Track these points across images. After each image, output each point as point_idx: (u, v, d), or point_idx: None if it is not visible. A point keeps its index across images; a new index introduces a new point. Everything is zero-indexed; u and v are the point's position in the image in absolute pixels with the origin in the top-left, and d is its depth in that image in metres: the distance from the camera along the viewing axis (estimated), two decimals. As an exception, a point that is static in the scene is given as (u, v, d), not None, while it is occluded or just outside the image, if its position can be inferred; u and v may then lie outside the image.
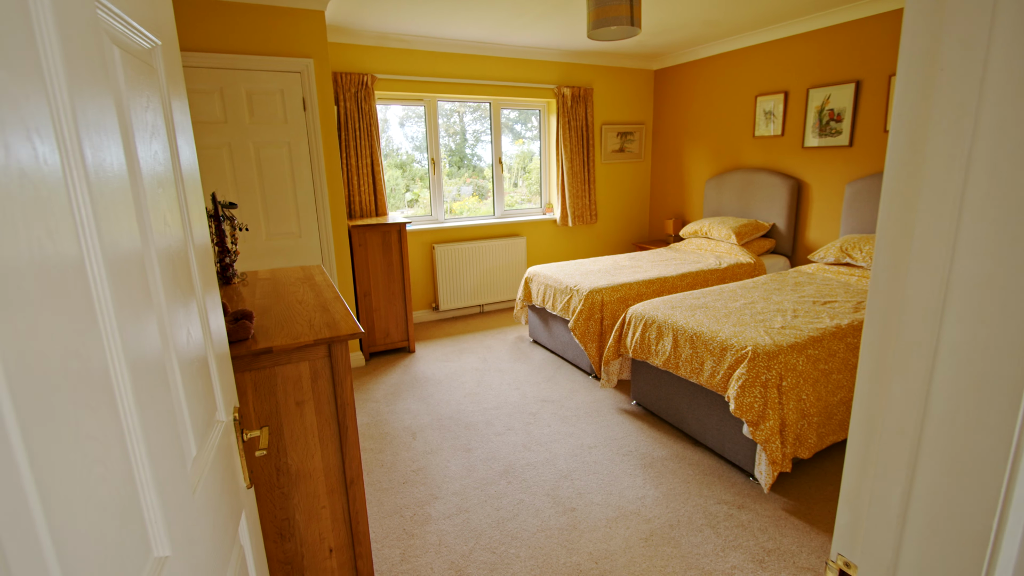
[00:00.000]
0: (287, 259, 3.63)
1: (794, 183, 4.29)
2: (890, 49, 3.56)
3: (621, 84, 5.59)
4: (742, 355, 2.35)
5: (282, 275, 2.21)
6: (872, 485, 0.58)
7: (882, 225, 0.55)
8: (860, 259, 3.41)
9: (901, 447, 0.54)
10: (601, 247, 5.91)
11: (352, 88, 4.25)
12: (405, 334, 4.14)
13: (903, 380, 0.53)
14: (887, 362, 0.55)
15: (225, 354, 1.05)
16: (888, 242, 0.55)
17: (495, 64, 4.91)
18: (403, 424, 3.08)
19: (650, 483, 2.46)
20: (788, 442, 2.27)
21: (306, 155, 3.59)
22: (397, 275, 4.04)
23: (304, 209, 3.64)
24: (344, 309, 1.64)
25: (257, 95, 3.41)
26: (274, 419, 1.42)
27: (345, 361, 1.46)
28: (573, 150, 5.30)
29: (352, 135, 4.31)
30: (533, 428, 2.98)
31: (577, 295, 3.51)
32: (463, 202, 5.33)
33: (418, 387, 3.56)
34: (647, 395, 3.05)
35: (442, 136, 5.06)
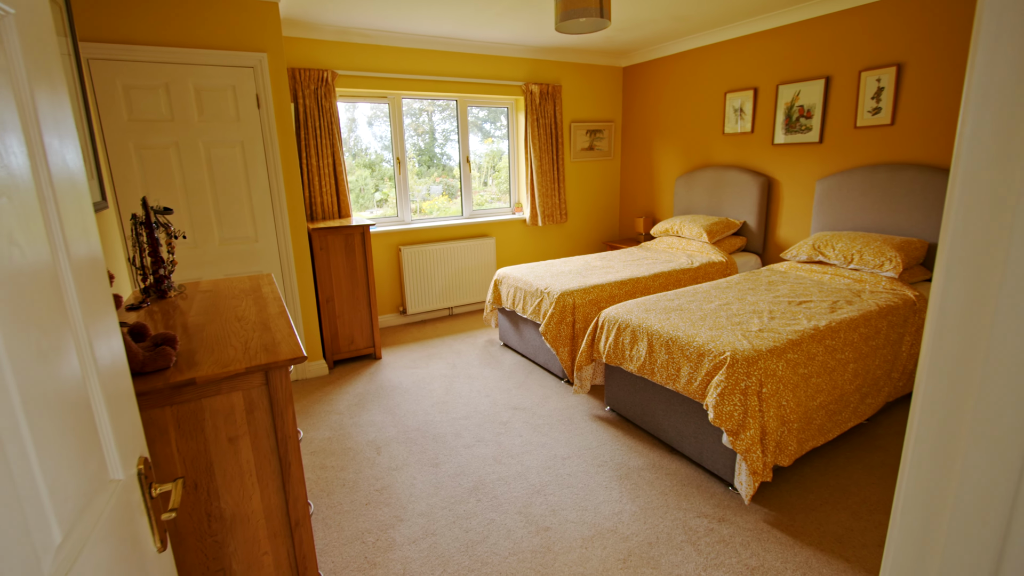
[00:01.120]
0: (243, 265, 3.41)
1: (764, 180, 4.26)
2: (859, 44, 3.54)
3: (590, 81, 5.49)
4: (720, 361, 2.26)
5: (226, 286, 2.02)
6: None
7: (954, 243, 0.42)
8: (833, 257, 3.38)
9: (981, 540, 0.41)
10: (572, 247, 5.81)
11: (311, 85, 4.04)
12: (371, 340, 3.96)
13: (987, 450, 0.41)
14: (960, 425, 0.43)
15: (125, 392, 0.88)
16: (963, 267, 0.42)
17: (461, 60, 4.75)
18: (367, 438, 2.90)
19: (627, 496, 2.35)
20: (768, 451, 2.19)
21: (261, 155, 3.37)
22: (361, 279, 3.85)
23: (260, 212, 3.42)
24: (287, 327, 1.48)
25: (207, 91, 3.18)
26: (203, 459, 1.24)
27: (285, 389, 1.30)
28: (542, 148, 5.18)
29: (312, 134, 4.09)
30: (504, 439, 2.84)
31: (548, 298, 3.39)
32: (433, 201, 5.16)
33: (384, 396, 3.38)
34: (621, 401, 2.95)
35: (411, 135, 4.88)
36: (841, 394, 2.50)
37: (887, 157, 3.50)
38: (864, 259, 3.20)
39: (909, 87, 3.32)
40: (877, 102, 3.45)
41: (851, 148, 3.68)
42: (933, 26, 3.17)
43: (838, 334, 2.53)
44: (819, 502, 2.28)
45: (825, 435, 2.46)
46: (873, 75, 3.44)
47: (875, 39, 3.45)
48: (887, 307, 2.81)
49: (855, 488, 2.36)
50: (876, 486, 2.37)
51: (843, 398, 2.52)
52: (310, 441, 2.89)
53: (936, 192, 3.19)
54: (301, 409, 3.25)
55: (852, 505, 2.25)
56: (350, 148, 4.69)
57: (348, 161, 4.69)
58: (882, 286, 3.08)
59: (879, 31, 3.42)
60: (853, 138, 3.66)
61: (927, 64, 3.22)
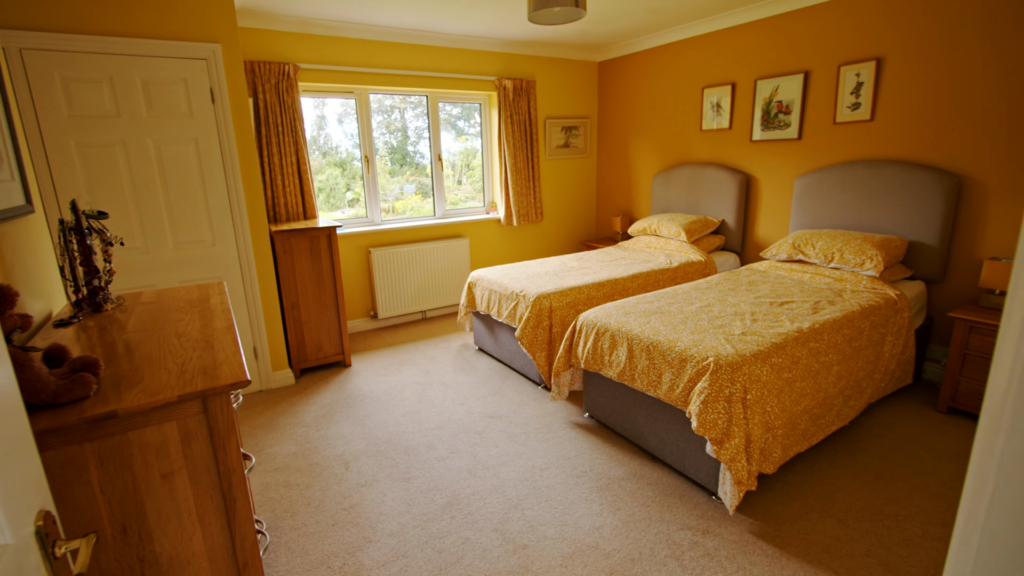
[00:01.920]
0: (200, 270, 3.21)
1: (743, 178, 4.21)
2: (838, 38, 3.50)
3: (565, 76, 5.39)
4: (703, 367, 2.18)
5: (171, 297, 1.85)
6: None
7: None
8: (813, 256, 3.34)
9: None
10: (548, 247, 5.71)
11: (272, 79, 3.83)
12: (339, 347, 3.79)
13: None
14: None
15: (16, 435, 0.73)
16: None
17: (431, 54, 4.59)
18: (335, 452, 2.75)
19: (607, 509, 2.25)
20: (753, 459, 2.11)
21: (217, 153, 3.16)
22: (328, 283, 3.67)
23: (217, 214, 3.22)
24: (232, 345, 1.32)
25: (155, 85, 2.97)
26: (132, 499, 1.09)
27: (227, 417, 1.15)
28: (516, 146, 5.06)
29: (274, 130, 3.89)
30: (479, 449, 2.72)
31: (524, 301, 3.27)
32: (406, 201, 5.00)
33: (353, 406, 3.22)
34: (601, 407, 2.85)
35: (383, 133, 4.71)
36: (825, 397, 2.44)
37: (866, 153, 3.47)
38: (844, 258, 3.16)
39: (888, 82, 3.29)
40: (856, 97, 3.42)
41: (830, 144, 3.65)
42: (912, 19, 3.15)
43: (822, 336, 2.47)
44: (804, 510, 2.21)
45: (809, 440, 2.40)
46: (852, 69, 3.41)
47: (854, 32, 3.41)
48: (869, 307, 2.77)
49: (840, 494, 2.30)
50: (861, 491, 2.32)
51: (827, 401, 2.46)
52: (274, 457, 2.71)
53: (916, 189, 3.17)
54: (265, 422, 3.06)
55: (838, 512, 2.19)
56: (320, 146, 4.50)
57: (318, 160, 4.49)
58: (863, 285, 3.05)
59: (858, 24, 3.39)
60: (832, 134, 3.62)
61: (906, 58, 3.20)
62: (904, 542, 2.02)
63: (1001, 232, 2.97)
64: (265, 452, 2.75)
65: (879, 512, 2.19)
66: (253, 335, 3.39)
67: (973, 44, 2.94)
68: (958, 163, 3.08)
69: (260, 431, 2.96)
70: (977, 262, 3.09)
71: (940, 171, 3.10)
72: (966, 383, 2.84)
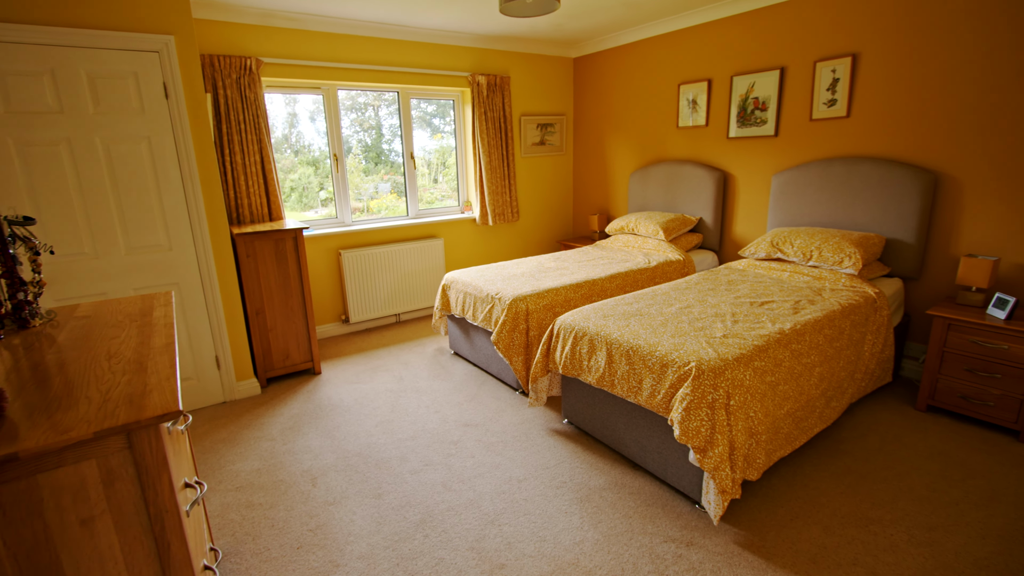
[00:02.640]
0: (155, 276, 3.02)
1: (720, 175, 4.17)
2: (814, 33, 3.46)
3: (539, 72, 5.28)
4: (685, 372, 2.10)
5: (109, 311, 1.69)
6: None
7: None
8: (791, 254, 3.30)
9: None
10: (524, 246, 5.60)
11: (233, 73, 3.64)
12: (308, 354, 3.62)
13: None
14: None
15: None
16: None
17: (402, 49, 4.44)
18: (302, 467, 2.60)
19: (588, 522, 2.16)
20: (737, 467, 2.04)
21: (172, 152, 2.98)
22: (295, 287, 3.50)
23: (173, 216, 3.03)
24: (168, 367, 1.18)
25: (103, 79, 2.77)
26: (44, 550, 0.95)
27: (157, 452, 1.01)
28: (491, 143, 4.94)
29: (236, 128, 3.70)
30: (454, 461, 2.60)
31: (499, 304, 3.16)
32: (381, 200, 4.84)
33: (322, 417, 3.07)
34: (580, 413, 2.76)
35: (357, 131, 4.56)
36: (807, 400, 2.39)
37: (843, 150, 3.45)
38: (823, 256, 3.13)
39: (864, 78, 3.27)
40: (832, 93, 3.38)
41: (806, 141, 3.62)
42: (887, 15, 3.12)
43: (803, 337, 2.41)
44: (789, 517, 2.16)
45: (792, 444, 2.35)
46: (828, 65, 3.38)
47: (830, 28, 3.38)
48: (849, 306, 2.73)
49: (824, 499, 2.25)
50: (845, 496, 2.27)
51: (809, 404, 2.41)
52: (236, 475, 2.55)
53: (893, 186, 3.15)
54: (228, 436, 2.90)
55: (823, 519, 2.14)
56: (292, 144, 4.32)
57: (290, 159, 4.31)
58: (842, 283, 3.01)
59: (834, 20, 3.35)
60: (808, 131, 3.59)
61: (882, 54, 3.17)
62: (890, 549, 1.97)
63: (977, 229, 2.97)
64: (227, 469, 2.59)
65: (864, 517, 2.14)
66: (215, 344, 3.21)
67: (947, 40, 2.92)
68: (934, 160, 3.07)
69: (222, 446, 2.80)
70: (953, 259, 3.08)
71: (916, 168, 3.08)
72: (945, 381, 2.83)
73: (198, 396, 3.21)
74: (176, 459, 1.21)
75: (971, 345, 2.71)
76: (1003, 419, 2.67)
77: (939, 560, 1.91)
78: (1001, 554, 1.94)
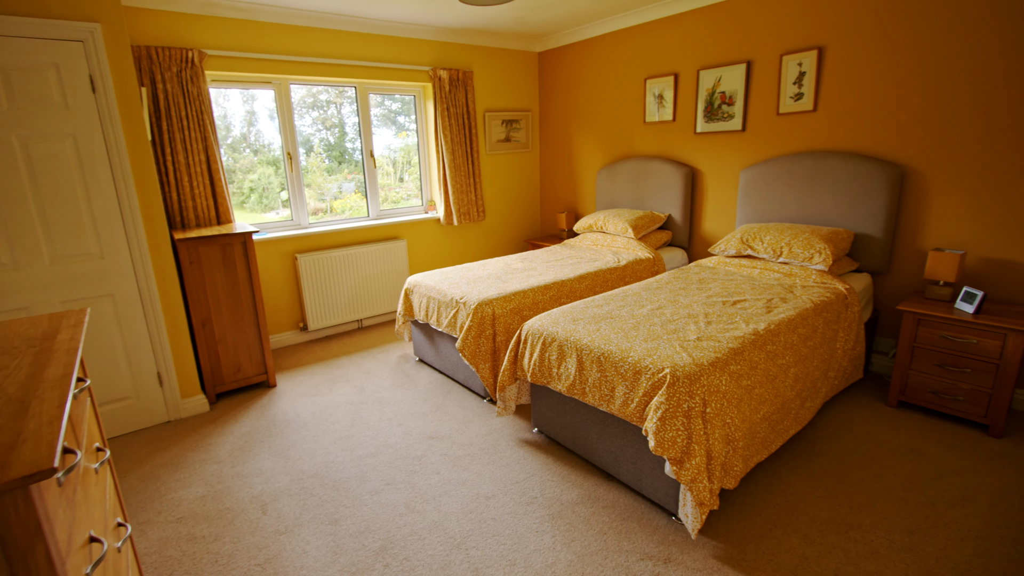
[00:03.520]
0: (86, 287, 2.75)
1: (688, 171, 4.10)
2: (780, 26, 3.41)
3: (503, 67, 5.14)
4: (659, 379, 1.99)
5: (4, 334, 1.46)
6: None
7: None
8: (762, 251, 3.24)
9: None
10: (491, 246, 5.45)
11: (173, 67, 3.38)
12: (262, 366, 3.40)
13: None
14: None
15: None
16: None
17: (359, 41, 4.23)
18: (251, 492, 2.39)
19: (560, 541, 2.03)
20: (715, 476, 1.94)
21: (102, 150, 2.72)
22: (246, 295, 3.27)
23: (105, 222, 2.77)
24: (55, 408, 0.99)
25: (18, 71, 2.50)
26: None
27: (27, 518, 0.82)
28: (455, 140, 4.77)
29: (178, 125, 3.44)
30: (418, 478, 2.44)
31: (464, 308, 3.01)
32: (345, 200, 4.63)
33: (276, 435, 2.86)
34: (551, 422, 2.63)
35: (319, 129, 4.34)
36: (783, 402, 2.31)
37: (810, 145, 3.41)
38: (793, 252, 3.08)
39: (830, 71, 3.23)
40: (799, 87, 3.34)
41: (774, 136, 3.57)
42: (853, 7, 3.08)
43: (778, 337, 2.34)
44: (768, 526, 2.07)
45: (768, 448, 2.27)
46: (794, 59, 3.33)
47: (796, 21, 3.33)
48: (821, 303, 2.68)
49: (803, 505, 2.18)
50: (823, 500, 2.20)
51: (785, 406, 2.33)
52: (177, 503, 2.33)
53: (860, 180, 3.12)
54: (170, 460, 2.66)
55: (802, 527, 2.06)
56: (251, 143, 4.06)
57: (250, 158, 4.06)
58: (813, 280, 2.96)
59: (800, 12, 3.30)
60: (776, 125, 3.55)
61: (847, 47, 3.14)
62: (871, 556, 1.90)
63: (943, 222, 2.96)
64: (167, 498, 2.37)
65: (843, 522, 2.07)
66: (157, 359, 2.96)
67: (912, 34, 2.89)
68: (900, 154, 3.05)
69: (163, 472, 2.56)
70: (921, 253, 3.07)
71: (883, 162, 3.05)
72: (915, 376, 2.81)
73: (137, 417, 2.96)
74: (73, 512, 1.02)
75: (940, 340, 2.69)
76: (972, 413, 2.65)
77: (920, 566, 1.85)
78: (980, 556, 1.89)
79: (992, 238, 2.81)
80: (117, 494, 1.54)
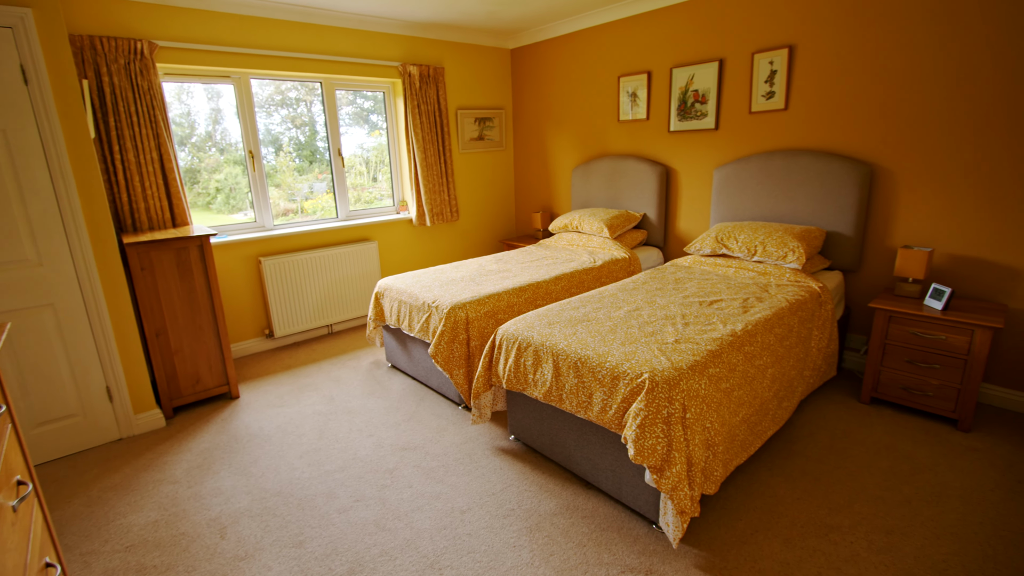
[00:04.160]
0: (22, 297, 2.54)
1: (662, 170, 4.07)
2: (752, 24, 3.40)
3: (476, 64, 5.03)
4: (638, 385, 1.92)
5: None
6: None
7: None
8: (736, 249, 3.23)
9: None
10: (466, 247, 5.34)
11: (120, 58, 3.17)
12: (223, 376, 3.22)
13: None
14: None
15: None
16: None
17: (325, 35, 4.07)
18: (210, 515, 2.24)
19: (539, 556, 1.95)
20: (696, 483, 1.89)
21: (37, 148, 2.51)
22: (204, 302, 3.09)
23: (42, 225, 2.56)
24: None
25: (-59, 60, 2.28)
26: None
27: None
28: (426, 138, 4.64)
29: (126, 121, 3.22)
30: (390, 493, 2.33)
31: (437, 313, 2.90)
32: (316, 200, 4.46)
33: (238, 451, 2.71)
34: (527, 429, 2.55)
35: (289, 127, 4.16)
36: (761, 403, 2.28)
37: (782, 143, 3.41)
38: (767, 251, 3.06)
39: (801, 70, 3.23)
40: (771, 86, 3.33)
41: (747, 134, 3.56)
42: (822, 6, 3.08)
43: (755, 338, 2.30)
44: (749, 531, 2.03)
45: (747, 450, 2.23)
46: (766, 57, 3.32)
47: (767, 19, 3.32)
48: (796, 302, 2.67)
49: (782, 507, 2.15)
50: (802, 502, 2.18)
51: (763, 407, 2.30)
52: (127, 530, 2.17)
53: (831, 179, 3.13)
54: (120, 482, 2.48)
55: (783, 530, 2.03)
56: (217, 142, 3.86)
57: (216, 157, 3.86)
58: (787, 278, 2.96)
59: (770, 10, 3.29)
60: (748, 124, 3.54)
61: (817, 46, 3.14)
62: (852, 559, 1.88)
63: (911, 220, 2.99)
64: (115, 524, 2.20)
65: (823, 524, 2.05)
66: (105, 373, 2.76)
67: (880, 33, 2.90)
68: (869, 152, 3.06)
69: (112, 495, 2.38)
70: (891, 250, 3.09)
71: (853, 160, 3.07)
72: (887, 373, 2.82)
73: (85, 435, 2.75)
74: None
75: (911, 337, 2.70)
76: (942, 408, 2.68)
77: (900, 567, 1.83)
78: (957, 554, 1.89)
79: (957, 235, 2.85)
80: (48, 529, 1.39)
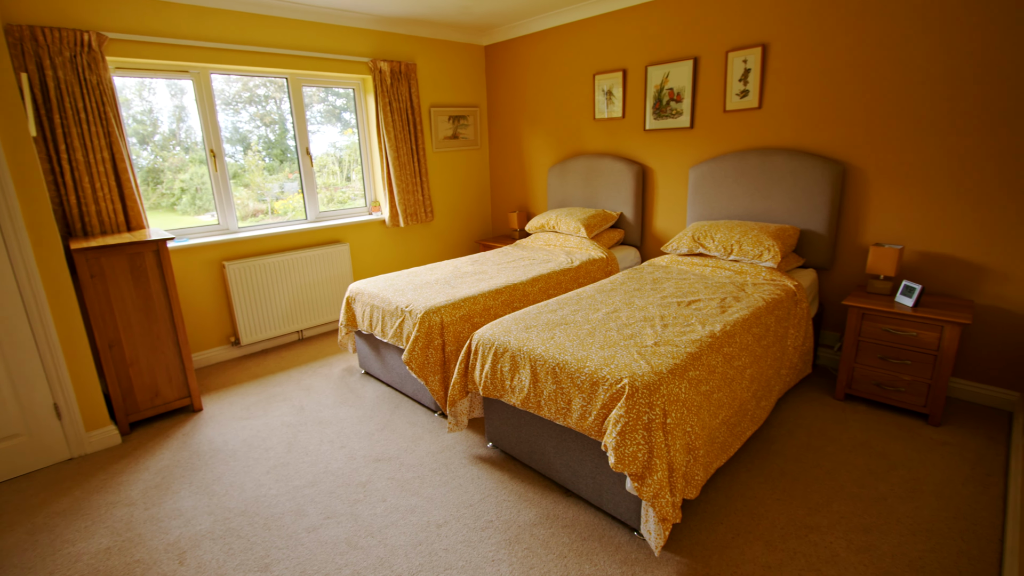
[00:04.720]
0: (-41, 308, 2.36)
1: (639, 168, 4.04)
2: (726, 22, 3.39)
3: (449, 60, 4.92)
4: (618, 391, 1.87)
5: None
6: None
7: None
8: (713, 248, 3.21)
9: None
10: (442, 249, 5.24)
11: (65, 51, 2.97)
12: (184, 388, 3.06)
13: None
14: None
15: None
16: None
17: (291, 28, 3.91)
18: (168, 539, 2.11)
19: (518, 569, 1.88)
20: (677, 489, 1.85)
21: (-25, 147, 2.33)
22: (162, 310, 2.93)
23: (-17, 230, 2.38)
24: None
25: None
26: None
27: None
28: (399, 137, 4.52)
29: (73, 118, 3.03)
30: (362, 508, 2.23)
31: (410, 318, 2.80)
32: (287, 200, 4.30)
33: (200, 467, 2.57)
34: (505, 436, 2.48)
35: (258, 125, 4.00)
36: (740, 404, 2.26)
37: (757, 142, 3.41)
38: (743, 249, 3.06)
39: (774, 69, 3.23)
40: (745, 84, 3.33)
41: (721, 133, 3.56)
42: (795, 5, 3.08)
43: (734, 339, 2.28)
44: (731, 535, 2.00)
45: (727, 452, 2.21)
46: (740, 55, 3.31)
47: (741, 17, 3.31)
48: (773, 301, 2.66)
49: (762, 509, 2.13)
50: (781, 503, 2.16)
51: (742, 408, 2.28)
52: (75, 559, 2.02)
53: (804, 177, 3.14)
54: (70, 506, 2.32)
55: (763, 532, 2.01)
56: (181, 141, 3.68)
57: (180, 156, 3.67)
58: (763, 277, 2.95)
59: (744, 9, 3.29)
60: (723, 122, 3.53)
61: (789, 44, 3.14)
62: (832, 560, 1.87)
63: (882, 218, 3.02)
64: (63, 554, 2.05)
65: (802, 525, 2.04)
66: (52, 388, 2.58)
67: (852, 32, 2.92)
68: (840, 151, 3.08)
69: (60, 521, 2.22)
70: (862, 248, 3.12)
71: (825, 159, 3.08)
72: (860, 369, 2.84)
73: (31, 456, 2.57)
74: None
75: (883, 333, 2.73)
76: (913, 404, 2.71)
77: (879, 567, 1.83)
78: (933, 551, 1.90)
79: (926, 233, 2.88)
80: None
